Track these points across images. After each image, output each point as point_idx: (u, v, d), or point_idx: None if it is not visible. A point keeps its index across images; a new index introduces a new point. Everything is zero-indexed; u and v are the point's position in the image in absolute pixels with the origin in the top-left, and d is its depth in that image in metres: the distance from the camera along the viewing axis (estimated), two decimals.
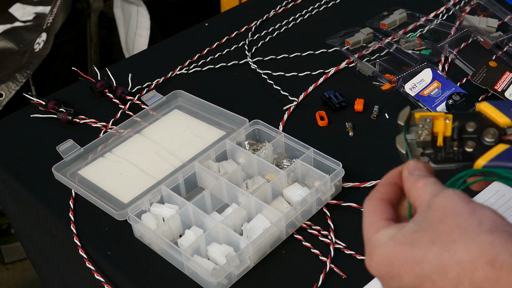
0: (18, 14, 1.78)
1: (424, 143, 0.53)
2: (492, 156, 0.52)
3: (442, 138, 0.54)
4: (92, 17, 1.94)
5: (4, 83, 1.54)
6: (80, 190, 0.91)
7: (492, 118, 0.54)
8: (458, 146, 0.53)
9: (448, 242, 0.43)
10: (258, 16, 1.31)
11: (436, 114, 0.54)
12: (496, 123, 0.54)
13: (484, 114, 0.54)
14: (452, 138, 0.54)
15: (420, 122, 0.54)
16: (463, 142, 0.53)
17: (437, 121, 0.54)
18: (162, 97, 1.07)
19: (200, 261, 0.79)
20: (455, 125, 0.54)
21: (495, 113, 0.54)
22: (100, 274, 0.83)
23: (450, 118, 0.54)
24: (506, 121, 0.53)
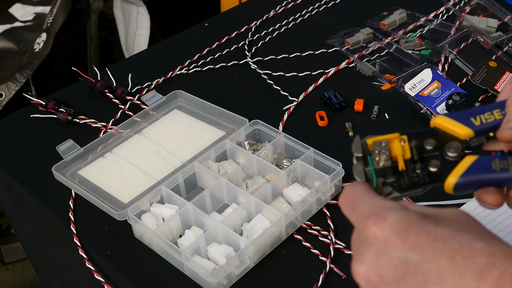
0: (18, 14, 1.78)
1: (384, 170, 0.49)
2: (462, 171, 0.48)
3: (403, 161, 0.49)
4: (92, 17, 1.94)
5: (4, 83, 1.54)
6: (80, 190, 0.91)
7: (451, 131, 0.49)
8: (421, 167, 0.49)
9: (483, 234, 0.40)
10: (258, 16, 1.31)
11: (390, 136, 0.49)
12: (456, 136, 0.49)
13: (441, 129, 0.50)
14: (412, 160, 0.49)
15: (376, 148, 0.49)
16: (425, 162, 0.49)
17: (392, 144, 0.49)
18: (162, 97, 1.07)
19: (200, 261, 0.79)
20: (412, 145, 0.49)
21: (454, 125, 0.49)
22: (100, 274, 0.83)
23: (405, 139, 0.50)
24: (467, 132, 0.49)
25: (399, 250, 0.41)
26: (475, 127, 0.48)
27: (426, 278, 0.39)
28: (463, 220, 0.42)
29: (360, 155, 0.49)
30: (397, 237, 0.41)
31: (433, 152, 0.49)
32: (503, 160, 0.47)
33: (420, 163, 0.49)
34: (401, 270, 0.40)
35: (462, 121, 0.49)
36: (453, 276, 0.39)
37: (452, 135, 0.49)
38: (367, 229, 0.42)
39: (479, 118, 0.48)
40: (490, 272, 0.38)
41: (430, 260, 0.39)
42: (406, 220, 0.41)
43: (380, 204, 0.44)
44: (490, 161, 0.47)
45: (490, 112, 0.48)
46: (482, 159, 0.47)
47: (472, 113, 0.49)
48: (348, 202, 0.47)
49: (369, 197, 0.45)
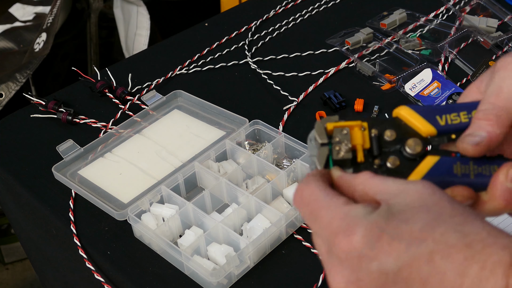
0: (18, 14, 1.78)
1: (343, 161, 0.45)
2: (423, 172, 0.45)
3: (362, 152, 0.46)
4: (92, 17, 1.94)
5: (4, 83, 1.54)
6: (80, 190, 0.91)
7: (413, 125, 0.46)
8: (380, 164, 0.46)
9: (455, 222, 0.39)
10: (258, 16, 1.31)
11: (352, 123, 0.46)
12: (418, 131, 0.46)
13: (404, 121, 0.46)
14: (371, 152, 0.46)
15: (337, 135, 0.46)
16: (384, 156, 0.46)
17: (353, 131, 0.46)
18: (162, 97, 1.07)
19: (200, 261, 0.79)
20: (372, 135, 0.46)
21: (417, 121, 0.46)
22: (100, 274, 0.83)
23: (365, 127, 0.46)
24: (430, 130, 0.46)
25: (375, 261, 0.39)
26: (439, 126, 0.46)
27: (409, 284, 0.39)
28: (432, 203, 0.40)
29: (326, 142, 0.46)
30: (370, 249, 0.39)
31: (392, 144, 0.46)
32: (464, 164, 0.45)
33: (379, 159, 0.46)
34: (381, 281, 0.39)
35: (427, 118, 0.46)
36: (435, 277, 0.38)
37: (414, 129, 0.46)
38: (337, 247, 0.41)
39: (445, 118, 0.46)
40: (471, 267, 0.37)
41: (408, 266, 0.38)
42: (375, 229, 0.39)
43: (344, 213, 0.41)
44: (451, 164, 0.45)
45: (457, 113, 0.46)
46: (443, 161, 0.45)
47: (439, 111, 0.46)
48: (307, 207, 0.44)
49: (330, 202, 0.43)
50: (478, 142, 0.44)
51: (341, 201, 0.43)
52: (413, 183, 0.42)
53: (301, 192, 0.45)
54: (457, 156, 0.46)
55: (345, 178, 0.45)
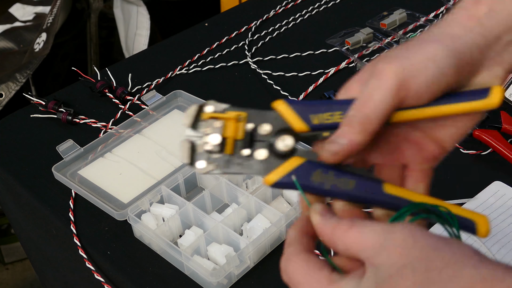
0: (18, 14, 1.78)
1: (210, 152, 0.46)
2: (284, 172, 0.45)
3: (232, 145, 0.46)
4: (92, 17, 1.94)
5: (4, 83, 1.54)
6: (80, 190, 0.91)
7: (287, 121, 0.46)
8: (249, 155, 0.46)
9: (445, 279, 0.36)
10: (258, 16, 1.31)
11: (229, 115, 0.47)
12: (292, 126, 0.46)
13: (280, 115, 0.47)
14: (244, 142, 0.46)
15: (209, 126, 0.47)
16: (254, 148, 0.46)
17: (228, 122, 0.46)
18: (162, 97, 1.07)
19: (200, 261, 0.79)
20: (248, 126, 0.47)
21: (291, 117, 0.46)
22: (100, 274, 0.83)
23: (243, 117, 0.47)
24: (302, 127, 0.46)
25: None
26: (311, 125, 0.46)
27: None
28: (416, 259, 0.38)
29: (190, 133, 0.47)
30: None
31: (266, 137, 0.46)
32: (323, 173, 0.45)
33: (249, 150, 0.46)
34: None
35: (301, 115, 0.46)
36: None
37: (288, 125, 0.46)
38: None
39: (318, 117, 0.46)
40: None
41: None
42: None
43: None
44: (311, 171, 0.45)
45: (331, 113, 0.46)
46: (306, 166, 0.45)
47: (314, 109, 0.46)
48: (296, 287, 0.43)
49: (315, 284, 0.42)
50: (336, 151, 0.44)
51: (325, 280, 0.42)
52: (392, 233, 0.39)
53: (286, 270, 0.45)
54: (320, 164, 0.46)
55: (324, 229, 0.43)
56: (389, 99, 0.43)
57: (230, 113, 0.47)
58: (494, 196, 0.86)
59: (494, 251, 0.79)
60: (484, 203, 0.85)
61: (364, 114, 0.44)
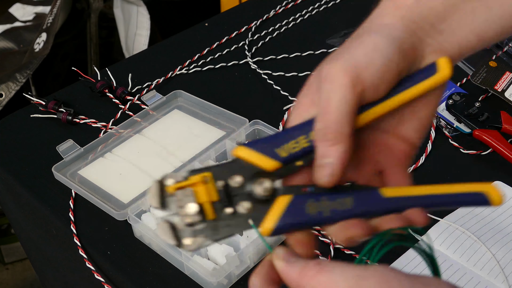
0: (18, 14, 1.78)
1: (192, 224, 0.42)
2: (277, 216, 0.42)
3: (212, 209, 0.42)
4: (92, 17, 1.94)
5: (4, 83, 1.54)
6: (80, 190, 0.91)
7: (256, 165, 0.43)
8: (232, 213, 0.43)
9: None
10: (258, 16, 1.31)
11: (193, 181, 0.43)
12: (263, 168, 0.43)
13: (246, 161, 0.44)
14: (222, 202, 0.43)
15: (180, 198, 0.42)
16: (235, 203, 0.43)
17: (197, 188, 0.43)
18: (162, 97, 1.07)
19: (200, 261, 0.79)
20: (219, 185, 0.43)
21: (258, 159, 0.43)
22: (100, 274, 0.83)
23: (209, 178, 0.43)
24: (273, 165, 0.43)
25: None
26: (281, 159, 0.43)
27: None
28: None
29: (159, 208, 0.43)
30: None
31: (241, 189, 0.43)
32: (317, 201, 0.42)
33: (230, 207, 0.43)
34: None
35: (266, 153, 0.43)
36: None
37: (259, 168, 0.43)
38: None
39: (283, 149, 0.43)
40: None
41: None
42: None
43: None
44: (304, 204, 0.42)
45: (295, 140, 0.43)
46: (296, 201, 0.42)
47: (276, 143, 0.43)
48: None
49: None
50: (331, 173, 0.42)
51: None
52: (364, 279, 0.37)
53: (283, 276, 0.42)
54: (308, 192, 0.43)
55: (290, 274, 0.41)
56: (348, 97, 0.42)
57: (194, 178, 0.43)
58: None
59: (494, 251, 0.79)
60: (473, 211, 0.85)
61: (332, 121, 0.42)
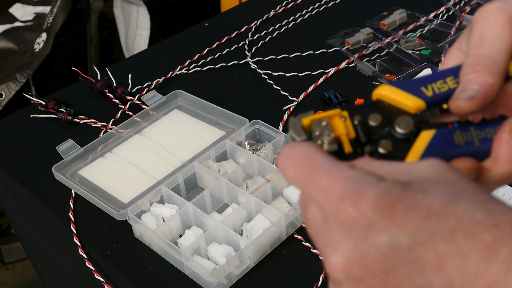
0: (18, 14, 1.78)
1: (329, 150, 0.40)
2: (421, 150, 0.39)
3: (349, 142, 0.40)
4: (92, 17, 1.94)
5: (4, 83, 1.54)
6: (80, 190, 0.91)
7: (398, 103, 0.41)
8: (371, 150, 0.40)
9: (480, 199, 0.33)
10: (258, 16, 1.31)
11: (329, 113, 0.41)
12: (405, 109, 0.41)
13: (387, 101, 0.41)
14: (358, 140, 0.40)
15: (316, 128, 0.40)
16: (373, 143, 0.40)
17: (333, 122, 0.41)
18: (162, 97, 1.07)
19: (200, 261, 0.79)
20: (356, 122, 0.41)
21: (402, 97, 0.41)
22: (100, 274, 0.83)
23: (346, 116, 0.41)
24: (418, 104, 0.40)
25: (386, 233, 0.32)
26: (426, 98, 0.41)
27: (422, 265, 0.32)
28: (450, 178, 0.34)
29: (305, 138, 0.39)
30: (382, 218, 0.33)
31: (380, 129, 0.40)
32: (465, 131, 0.40)
33: (369, 145, 0.40)
34: (390, 258, 0.33)
35: (411, 91, 0.41)
36: (454, 259, 0.31)
37: (400, 108, 0.41)
38: (342, 212, 0.34)
39: (431, 87, 0.41)
40: (499, 250, 0.31)
41: (424, 242, 0.32)
42: (389, 196, 0.33)
43: (350, 176, 0.35)
44: (451, 135, 0.40)
45: (443, 80, 0.41)
46: (441, 133, 0.40)
47: (422, 82, 0.41)
48: (299, 167, 0.36)
49: (330, 164, 0.36)
50: (472, 96, 0.39)
51: (345, 164, 0.36)
52: (424, 161, 0.36)
53: (290, 151, 0.37)
54: (454, 126, 0.40)
55: None
56: (504, 35, 0.39)
57: (330, 112, 0.41)
58: None
59: None
60: None
61: (484, 55, 0.39)
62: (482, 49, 0.40)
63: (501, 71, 0.40)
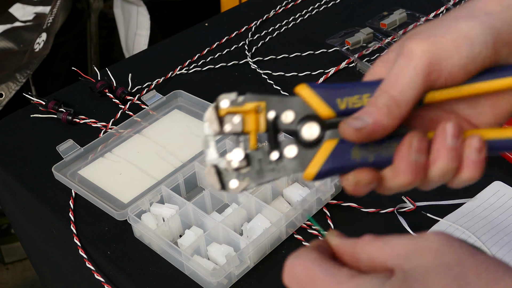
0: (18, 14, 1.78)
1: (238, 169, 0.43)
2: (322, 160, 0.42)
3: (255, 139, 0.43)
4: (92, 17, 1.94)
5: (4, 83, 1.54)
6: (80, 190, 0.91)
7: (312, 107, 0.43)
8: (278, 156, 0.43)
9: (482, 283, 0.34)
10: (258, 16, 1.31)
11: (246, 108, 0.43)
12: (317, 113, 0.43)
13: (304, 101, 0.44)
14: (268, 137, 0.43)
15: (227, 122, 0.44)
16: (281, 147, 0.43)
17: (247, 116, 0.43)
18: (162, 97, 1.07)
19: (200, 261, 0.79)
20: (271, 117, 0.43)
21: (316, 103, 0.43)
22: (100, 274, 0.83)
23: (262, 107, 0.43)
24: (328, 113, 0.43)
25: None
26: (338, 110, 0.43)
27: None
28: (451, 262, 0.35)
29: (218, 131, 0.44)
30: None
31: (290, 126, 0.43)
32: (363, 147, 0.42)
33: (277, 151, 0.43)
34: None
35: (326, 100, 0.43)
36: None
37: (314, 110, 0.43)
38: None
39: (346, 101, 0.43)
40: None
41: None
42: None
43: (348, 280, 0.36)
44: (350, 149, 0.42)
45: (360, 95, 0.43)
46: (341, 146, 0.42)
47: (341, 93, 0.43)
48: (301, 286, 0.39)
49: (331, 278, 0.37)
50: (361, 127, 0.41)
51: (344, 273, 0.37)
52: (423, 238, 0.37)
53: (292, 268, 0.40)
54: None
55: (344, 247, 0.40)
56: (419, 82, 0.41)
57: (248, 105, 0.43)
58: (494, 196, 0.86)
59: (494, 251, 0.79)
60: (484, 203, 0.85)
61: (391, 96, 0.41)
62: (394, 90, 0.41)
63: (401, 117, 0.41)
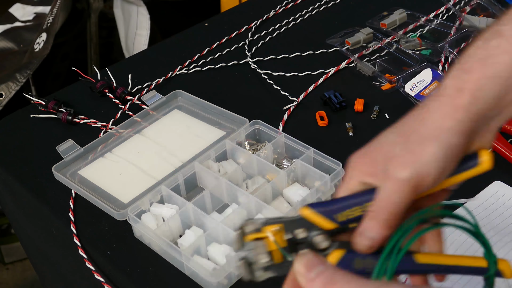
0: (18, 14, 1.78)
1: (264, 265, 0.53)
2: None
3: (279, 255, 0.53)
4: (92, 17, 1.94)
5: (4, 83, 1.54)
6: (80, 190, 0.91)
7: (317, 224, 0.53)
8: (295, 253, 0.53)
9: None
10: (258, 16, 1.31)
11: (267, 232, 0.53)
12: (323, 227, 0.53)
13: (309, 220, 0.53)
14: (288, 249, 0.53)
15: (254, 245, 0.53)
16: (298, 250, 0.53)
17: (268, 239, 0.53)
18: (162, 97, 1.07)
19: (200, 261, 0.79)
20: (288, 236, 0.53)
21: (319, 220, 0.53)
22: (100, 274, 0.83)
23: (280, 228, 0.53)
24: (332, 226, 0.53)
25: None
26: (338, 222, 0.52)
27: None
28: None
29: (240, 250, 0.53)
30: None
31: (304, 240, 0.53)
32: (363, 259, 0.51)
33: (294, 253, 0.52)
34: None
35: (327, 216, 0.52)
36: None
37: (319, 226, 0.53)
38: None
39: (341, 215, 0.52)
40: None
41: None
42: None
43: None
44: (352, 259, 0.51)
45: (351, 209, 0.52)
46: (347, 256, 0.51)
47: (335, 210, 0.52)
48: None
49: None
50: (370, 245, 0.50)
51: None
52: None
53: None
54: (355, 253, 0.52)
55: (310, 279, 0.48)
56: (407, 200, 0.50)
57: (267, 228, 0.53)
58: (494, 196, 0.86)
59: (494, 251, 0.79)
60: (484, 203, 0.85)
61: (388, 212, 0.50)
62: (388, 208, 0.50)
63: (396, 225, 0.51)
